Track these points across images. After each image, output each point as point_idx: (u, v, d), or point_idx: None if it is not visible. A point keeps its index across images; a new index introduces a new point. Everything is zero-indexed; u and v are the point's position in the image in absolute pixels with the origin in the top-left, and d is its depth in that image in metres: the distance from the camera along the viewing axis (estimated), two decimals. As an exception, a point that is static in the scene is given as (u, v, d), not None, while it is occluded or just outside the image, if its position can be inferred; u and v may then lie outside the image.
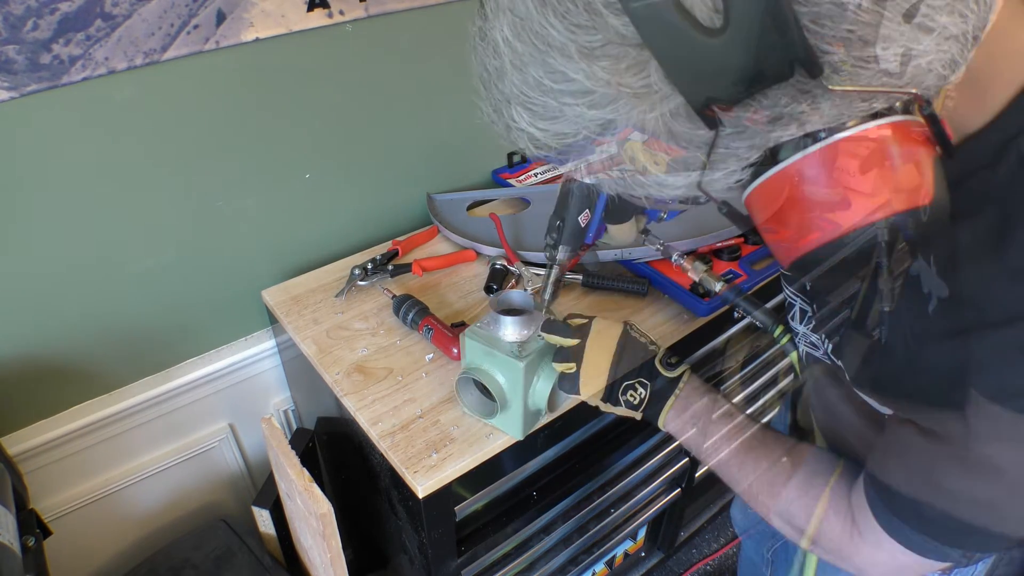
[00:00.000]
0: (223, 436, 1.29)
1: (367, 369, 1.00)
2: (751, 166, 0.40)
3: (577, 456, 1.12)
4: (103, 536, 1.24)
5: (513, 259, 1.16)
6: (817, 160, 0.38)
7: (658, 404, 0.73)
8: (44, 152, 0.91)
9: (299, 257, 1.24)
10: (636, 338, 0.76)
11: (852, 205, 0.38)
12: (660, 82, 0.37)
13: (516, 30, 0.39)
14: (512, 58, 0.41)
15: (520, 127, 0.43)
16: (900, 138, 0.38)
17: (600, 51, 0.37)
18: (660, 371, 0.73)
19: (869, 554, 0.59)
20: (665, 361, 0.74)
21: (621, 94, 0.37)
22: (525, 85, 0.41)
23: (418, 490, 0.84)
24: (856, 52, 0.35)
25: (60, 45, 0.85)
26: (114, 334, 1.09)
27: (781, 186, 0.39)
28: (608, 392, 0.74)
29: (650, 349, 0.75)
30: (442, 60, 1.22)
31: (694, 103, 0.37)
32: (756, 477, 0.66)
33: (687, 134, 0.39)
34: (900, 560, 0.57)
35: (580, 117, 0.40)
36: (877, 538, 0.57)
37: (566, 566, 1.28)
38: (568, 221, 0.79)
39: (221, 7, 0.94)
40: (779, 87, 0.36)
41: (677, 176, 0.41)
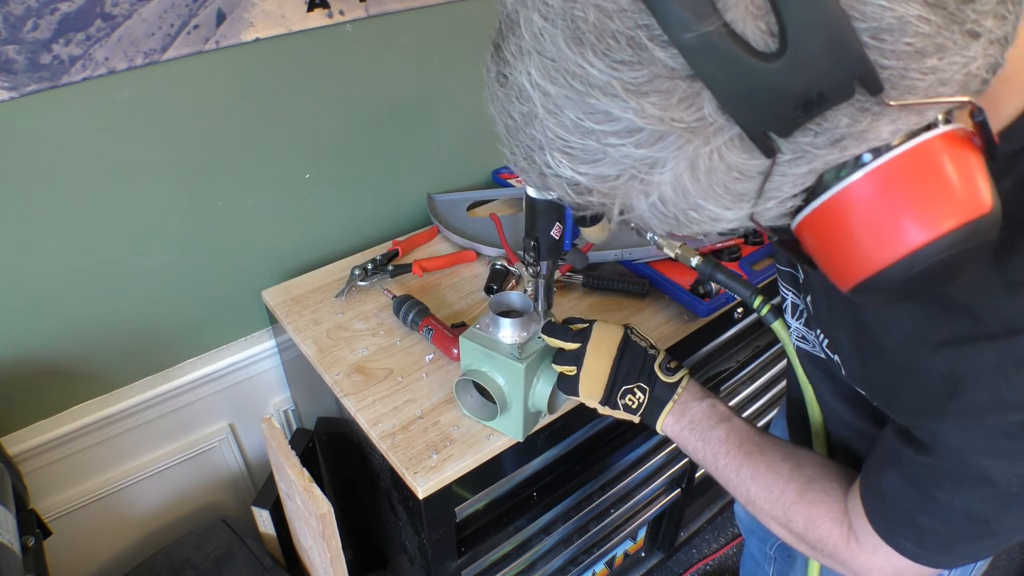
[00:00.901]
0: (223, 436, 1.29)
1: (367, 369, 1.00)
2: (805, 191, 0.39)
3: (577, 457, 1.12)
4: (103, 536, 1.24)
5: (513, 259, 1.16)
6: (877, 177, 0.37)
7: (656, 409, 0.73)
8: (44, 152, 0.91)
9: (299, 257, 1.24)
10: (636, 342, 0.75)
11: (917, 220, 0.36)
12: (714, 114, 0.35)
13: (547, 72, 0.37)
14: (544, 102, 0.38)
15: (557, 173, 0.41)
16: (955, 147, 0.37)
17: (648, 86, 0.35)
18: (659, 376, 0.73)
19: (865, 559, 0.59)
20: (664, 366, 0.74)
21: (673, 129, 0.36)
22: (561, 128, 0.39)
23: (418, 491, 0.84)
24: (915, 64, 0.34)
25: (60, 45, 0.85)
26: (114, 334, 1.09)
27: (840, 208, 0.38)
28: (607, 396, 0.74)
29: (650, 354, 0.75)
30: (442, 60, 1.22)
31: (752, 132, 0.35)
32: (754, 483, 0.67)
33: (742, 164, 0.37)
34: (896, 565, 0.57)
35: (626, 157, 0.38)
36: (873, 544, 0.58)
37: (566, 566, 1.28)
38: (543, 239, 0.79)
39: (221, 7, 0.94)
40: (839, 107, 0.35)
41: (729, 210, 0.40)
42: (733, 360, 1.33)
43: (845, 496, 0.62)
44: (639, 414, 0.74)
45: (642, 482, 1.31)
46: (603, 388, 0.74)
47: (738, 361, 1.34)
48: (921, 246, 0.36)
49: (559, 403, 0.89)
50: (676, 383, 0.73)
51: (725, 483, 0.70)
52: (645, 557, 1.61)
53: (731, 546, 1.82)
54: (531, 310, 0.85)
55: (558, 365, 0.78)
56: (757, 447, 0.68)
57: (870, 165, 0.37)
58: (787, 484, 0.65)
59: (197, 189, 1.06)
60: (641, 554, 1.59)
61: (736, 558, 1.80)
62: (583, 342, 0.76)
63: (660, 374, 0.73)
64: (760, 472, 0.66)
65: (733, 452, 0.69)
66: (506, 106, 0.42)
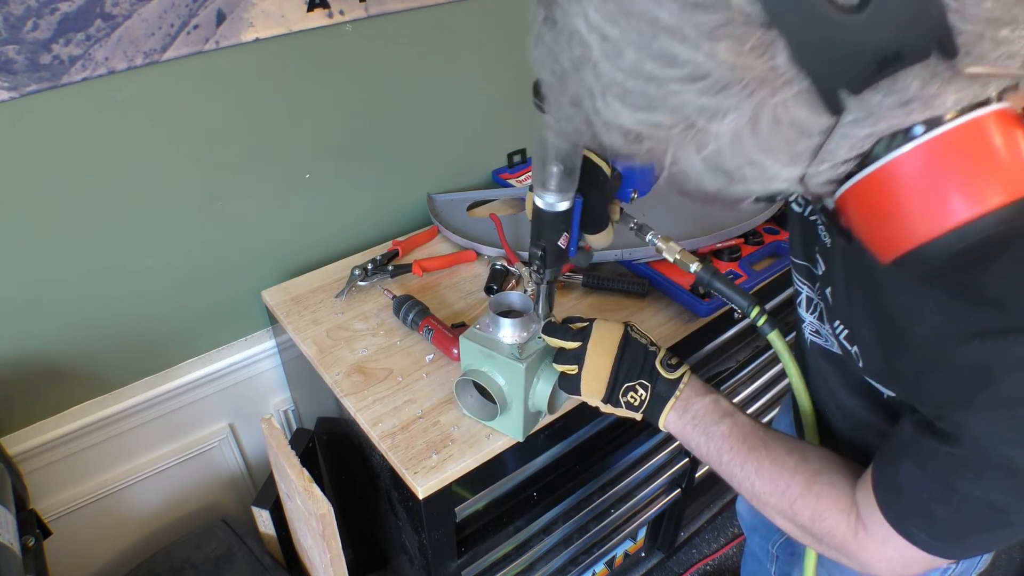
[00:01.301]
0: (223, 436, 1.29)
1: (367, 370, 1.00)
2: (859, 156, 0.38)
3: (577, 457, 1.12)
4: (103, 536, 1.24)
5: (513, 259, 1.16)
6: (931, 149, 0.36)
7: (658, 406, 0.73)
8: (44, 152, 0.91)
9: (299, 257, 1.24)
10: (637, 340, 0.76)
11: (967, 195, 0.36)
12: (787, 64, 0.34)
13: (608, 14, 0.36)
14: (601, 46, 0.37)
15: (608, 120, 0.39)
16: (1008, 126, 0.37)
17: (721, 31, 0.34)
18: (661, 373, 0.73)
19: (875, 550, 0.59)
20: (666, 363, 0.74)
21: (740, 78, 0.35)
22: (619, 73, 0.37)
23: (418, 491, 0.84)
24: (989, 32, 0.34)
25: (60, 45, 0.85)
26: (114, 334, 1.09)
27: (891, 177, 0.38)
28: (609, 394, 0.74)
29: (650, 351, 0.75)
30: (442, 60, 1.22)
31: (822, 87, 0.35)
32: (759, 477, 0.66)
33: (805, 121, 0.36)
34: (906, 555, 0.57)
35: (686, 105, 0.37)
36: (884, 534, 0.57)
37: (566, 566, 1.28)
38: (549, 248, 0.79)
39: (221, 7, 0.94)
40: (912, 69, 0.34)
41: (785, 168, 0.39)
42: (733, 360, 1.33)
43: (852, 488, 0.62)
44: (641, 411, 0.74)
45: (642, 482, 1.31)
46: (605, 386, 0.74)
47: (738, 361, 1.34)
48: (969, 220, 0.36)
49: (559, 403, 0.89)
50: (678, 379, 0.73)
51: (729, 479, 0.70)
52: (645, 557, 1.61)
53: (731, 546, 1.82)
54: (531, 310, 0.85)
55: (559, 365, 0.78)
56: (761, 442, 0.68)
57: (925, 136, 0.36)
58: (792, 477, 0.64)
59: (197, 189, 1.06)
60: (641, 554, 1.59)
61: (736, 558, 1.80)
62: (583, 340, 0.76)
63: (662, 371, 0.73)
64: (765, 466, 0.66)
65: (737, 447, 0.68)
66: (554, 51, 0.40)
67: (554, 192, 0.75)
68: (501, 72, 1.32)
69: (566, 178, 0.73)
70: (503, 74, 1.32)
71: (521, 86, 1.37)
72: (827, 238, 0.64)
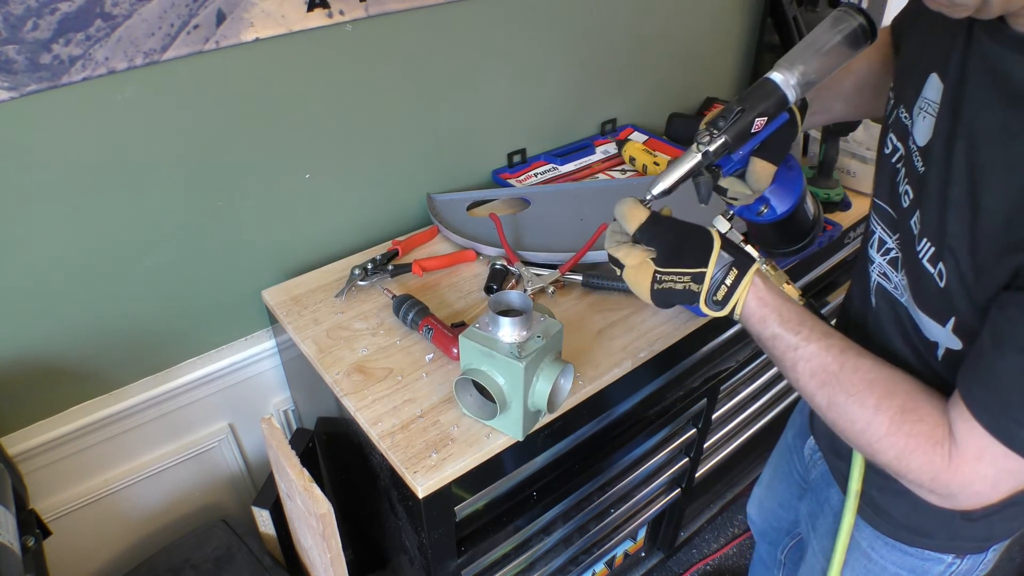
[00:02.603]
0: (223, 436, 1.29)
1: (367, 369, 1.00)
2: None
3: (577, 456, 1.12)
4: (103, 536, 1.24)
5: (513, 259, 1.16)
6: None
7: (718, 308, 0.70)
8: (44, 152, 0.91)
9: (299, 257, 1.24)
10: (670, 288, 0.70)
11: None
12: None
13: None
14: None
15: None
16: None
17: None
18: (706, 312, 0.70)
19: (968, 471, 0.57)
20: (711, 300, 0.70)
21: None
22: None
23: (418, 490, 0.84)
24: None
25: (60, 45, 0.85)
26: (114, 334, 1.09)
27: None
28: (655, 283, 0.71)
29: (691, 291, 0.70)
30: (442, 60, 1.22)
31: None
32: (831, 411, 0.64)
33: None
34: (1001, 467, 0.56)
35: None
36: (977, 449, 0.56)
37: (566, 566, 1.28)
38: (747, 113, 0.68)
39: (221, 7, 0.94)
40: None
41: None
42: (733, 360, 1.33)
43: (943, 417, 0.60)
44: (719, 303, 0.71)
45: (642, 482, 1.31)
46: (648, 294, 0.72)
47: (738, 361, 1.34)
48: None
49: (559, 402, 0.89)
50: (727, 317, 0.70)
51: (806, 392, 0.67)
52: (645, 557, 1.61)
53: (731, 546, 1.82)
54: (530, 309, 0.85)
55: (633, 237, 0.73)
56: (834, 376, 0.64)
57: None
58: (875, 415, 0.62)
59: (197, 189, 1.06)
60: (641, 554, 1.59)
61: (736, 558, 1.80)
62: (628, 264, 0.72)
63: (706, 309, 0.70)
64: (839, 403, 0.64)
65: (803, 382, 0.66)
66: None
67: (798, 78, 0.67)
68: (501, 72, 1.32)
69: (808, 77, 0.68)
70: (503, 74, 1.33)
71: (521, 86, 1.37)
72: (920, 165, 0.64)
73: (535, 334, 0.83)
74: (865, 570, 0.87)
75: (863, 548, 0.86)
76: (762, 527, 1.25)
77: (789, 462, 1.09)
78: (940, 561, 0.81)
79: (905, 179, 0.68)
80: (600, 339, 1.04)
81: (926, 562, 0.82)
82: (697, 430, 1.34)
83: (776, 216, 0.79)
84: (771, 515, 1.19)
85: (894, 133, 0.71)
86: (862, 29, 0.68)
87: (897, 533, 0.82)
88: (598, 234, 1.17)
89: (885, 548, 0.84)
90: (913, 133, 0.67)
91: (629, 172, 1.46)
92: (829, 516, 0.92)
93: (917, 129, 0.66)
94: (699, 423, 1.34)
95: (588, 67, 1.47)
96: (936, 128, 0.62)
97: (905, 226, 0.67)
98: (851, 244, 1.39)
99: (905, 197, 0.67)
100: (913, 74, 0.68)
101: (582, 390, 0.96)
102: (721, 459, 1.54)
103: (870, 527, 0.84)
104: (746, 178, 0.75)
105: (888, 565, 0.84)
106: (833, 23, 0.68)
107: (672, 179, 0.70)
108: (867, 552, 0.86)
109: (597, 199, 1.34)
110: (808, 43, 0.69)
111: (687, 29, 1.61)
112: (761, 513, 1.24)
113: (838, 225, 1.28)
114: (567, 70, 1.44)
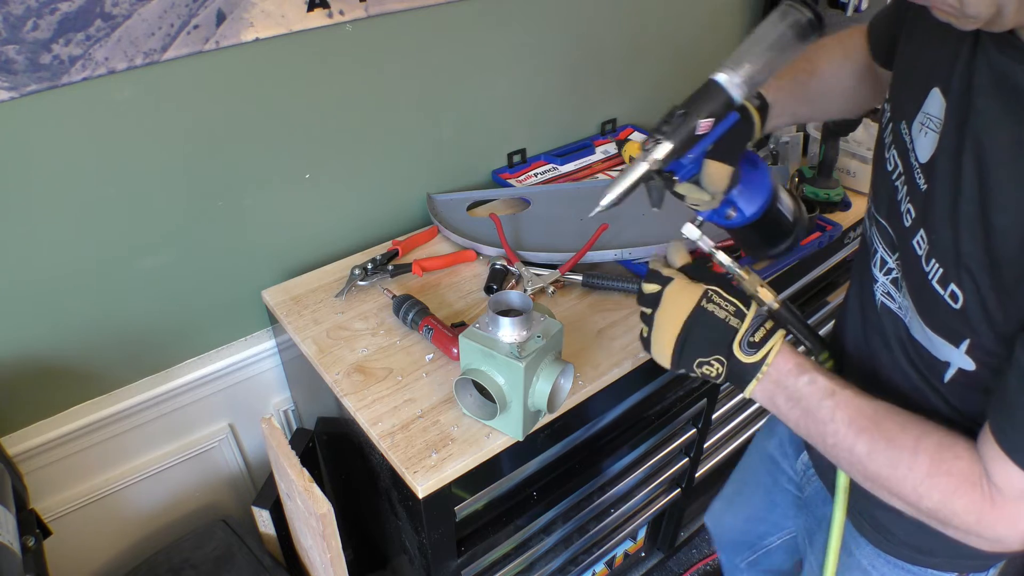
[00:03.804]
0: (223, 436, 1.29)
1: (367, 369, 1.00)
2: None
3: (577, 456, 1.12)
4: (103, 536, 1.24)
5: (513, 259, 1.16)
6: None
7: (739, 382, 0.69)
8: (44, 152, 0.91)
9: (299, 257, 1.24)
10: (712, 313, 0.68)
11: None
12: None
13: None
14: None
15: None
16: None
17: None
18: (737, 356, 0.67)
19: (1012, 511, 0.56)
20: (746, 342, 0.67)
21: None
22: None
23: (418, 490, 0.84)
24: None
25: (60, 45, 0.85)
26: (114, 334, 1.09)
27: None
28: (676, 364, 0.70)
29: (730, 326, 0.68)
30: (442, 60, 1.22)
31: None
32: (872, 462, 0.62)
33: None
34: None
35: None
36: (1020, 491, 0.55)
37: (566, 566, 1.28)
38: (691, 116, 0.65)
39: (221, 7, 0.94)
40: None
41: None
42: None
43: (976, 454, 0.58)
44: (721, 380, 0.69)
45: (642, 482, 1.31)
46: (670, 357, 0.70)
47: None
48: None
49: (559, 402, 0.89)
50: (760, 361, 0.67)
51: (836, 462, 0.66)
52: (645, 557, 1.61)
53: (731, 546, 1.82)
54: (530, 309, 0.85)
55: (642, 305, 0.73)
56: (872, 421, 0.63)
57: None
58: (914, 458, 0.60)
59: (197, 189, 1.06)
60: (641, 554, 1.59)
61: (736, 558, 1.80)
62: (653, 307, 0.71)
63: (739, 354, 0.67)
64: (880, 449, 0.62)
65: (843, 431, 0.64)
66: None
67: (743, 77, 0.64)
68: (501, 72, 1.32)
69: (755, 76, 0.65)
70: (503, 74, 1.33)
71: (521, 86, 1.37)
72: (923, 182, 0.63)
73: (535, 334, 0.83)
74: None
75: (863, 566, 0.85)
76: (721, 540, 1.23)
77: (770, 474, 1.06)
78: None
79: (907, 198, 0.66)
80: (600, 339, 1.04)
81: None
82: (697, 430, 1.34)
83: (746, 219, 0.76)
84: (732, 529, 1.18)
85: (896, 149, 0.69)
86: (809, 22, 0.64)
87: (899, 551, 0.81)
88: (598, 234, 1.17)
89: (886, 566, 0.82)
90: (915, 150, 0.65)
91: None
92: (827, 533, 0.91)
93: (919, 145, 0.64)
94: (699, 423, 1.34)
95: (588, 67, 1.47)
96: (940, 144, 0.61)
97: (907, 246, 0.65)
98: (851, 244, 1.39)
99: (907, 216, 0.65)
100: (911, 88, 0.67)
101: (582, 390, 0.96)
102: (721, 459, 1.55)
103: (871, 545, 0.83)
104: (701, 182, 0.71)
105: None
106: (779, 17, 0.65)
107: (620, 190, 0.68)
108: (867, 570, 0.85)
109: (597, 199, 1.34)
110: (754, 40, 0.66)
111: (686, 29, 1.61)
112: (720, 527, 1.22)
113: (838, 225, 1.28)
114: (567, 70, 1.44)
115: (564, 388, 0.89)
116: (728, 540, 1.20)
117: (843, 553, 0.86)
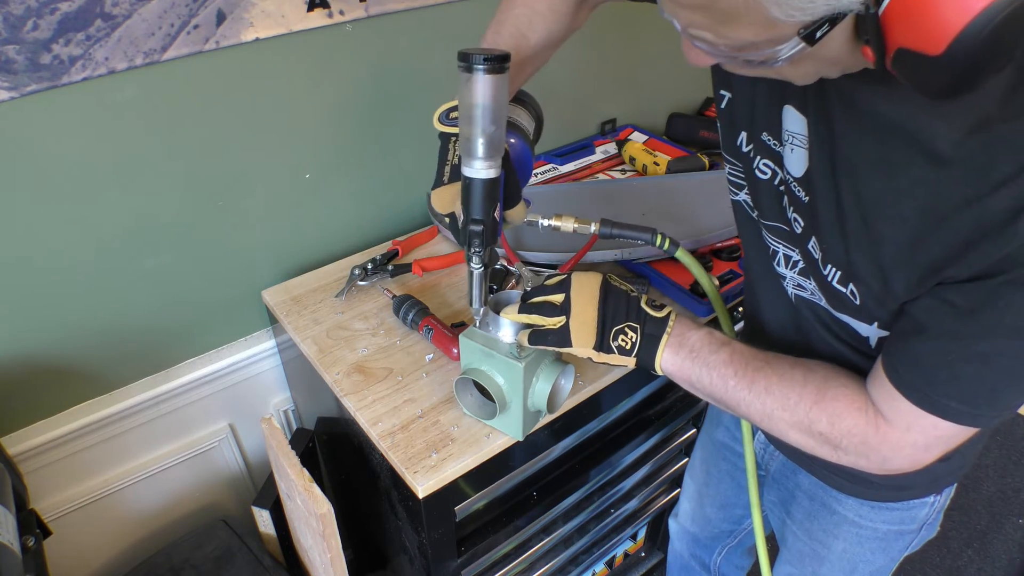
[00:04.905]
0: (223, 436, 1.29)
1: (367, 369, 1.00)
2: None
3: (577, 456, 1.12)
4: (103, 536, 1.24)
5: (513, 259, 1.16)
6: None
7: (652, 346, 0.72)
8: (44, 152, 0.91)
9: (299, 257, 1.24)
10: (617, 286, 0.75)
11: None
12: None
13: None
14: None
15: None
16: None
17: None
18: (648, 312, 0.73)
19: (898, 439, 0.61)
20: (651, 303, 0.74)
21: None
22: None
23: (418, 490, 0.84)
24: None
25: (60, 45, 0.85)
26: (114, 334, 1.09)
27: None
28: (599, 340, 0.73)
29: (632, 295, 0.75)
30: (442, 60, 1.22)
31: None
32: (769, 395, 0.67)
33: None
34: (931, 435, 0.59)
35: None
36: (907, 421, 0.59)
37: (566, 566, 1.28)
38: (488, 222, 0.71)
39: (221, 7, 0.94)
40: None
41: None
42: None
43: (863, 388, 0.64)
44: (635, 355, 0.73)
45: (642, 481, 1.31)
46: (595, 332, 0.73)
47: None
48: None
49: (559, 402, 0.89)
50: (666, 317, 0.73)
51: (737, 404, 0.70)
52: (645, 557, 1.61)
53: (731, 546, 1.82)
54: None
55: (544, 318, 0.76)
56: (764, 362, 0.69)
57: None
58: (803, 388, 0.66)
59: (197, 189, 1.06)
60: (641, 554, 1.59)
61: (736, 558, 1.80)
62: (565, 291, 0.75)
63: (648, 310, 0.73)
64: (773, 383, 0.67)
65: (741, 371, 0.69)
66: None
67: (483, 159, 0.68)
68: (501, 72, 1.32)
69: (494, 141, 0.68)
70: (503, 74, 1.32)
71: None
72: (803, 195, 0.65)
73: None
74: (857, 536, 0.89)
75: (850, 519, 0.88)
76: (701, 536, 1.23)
77: (727, 460, 1.08)
78: (924, 504, 0.84)
79: (791, 207, 0.68)
80: (600, 339, 1.04)
81: (912, 510, 0.85)
82: (697, 430, 1.34)
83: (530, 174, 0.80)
84: (706, 524, 1.19)
85: (768, 158, 0.70)
86: (491, 67, 0.63)
87: (881, 495, 0.84)
88: (598, 234, 1.17)
89: (872, 512, 0.86)
90: (786, 164, 0.67)
91: (629, 172, 1.46)
92: (803, 499, 0.93)
93: (789, 161, 0.66)
94: (699, 423, 1.34)
95: (588, 67, 1.47)
96: (812, 161, 0.63)
97: (804, 248, 0.68)
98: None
99: (796, 224, 0.68)
100: (755, 103, 0.68)
101: (582, 390, 0.96)
102: (721, 459, 1.54)
103: (852, 497, 0.86)
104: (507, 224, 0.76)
105: (879, 525, 0.87)
106: (464, 83, 0.65)
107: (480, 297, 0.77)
108: (855, 521, 0.88)
109: (597, 199, 1.34)
110: (464, 118, 0.68)
111: (687, 29, 1.61)
112: (694, 526, 1.23)
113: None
114: (567, 70, 1.44)
115: (564, 389, 0.89)
116: (708, 534, 1.21)
117: (825, 513, 0.90)
